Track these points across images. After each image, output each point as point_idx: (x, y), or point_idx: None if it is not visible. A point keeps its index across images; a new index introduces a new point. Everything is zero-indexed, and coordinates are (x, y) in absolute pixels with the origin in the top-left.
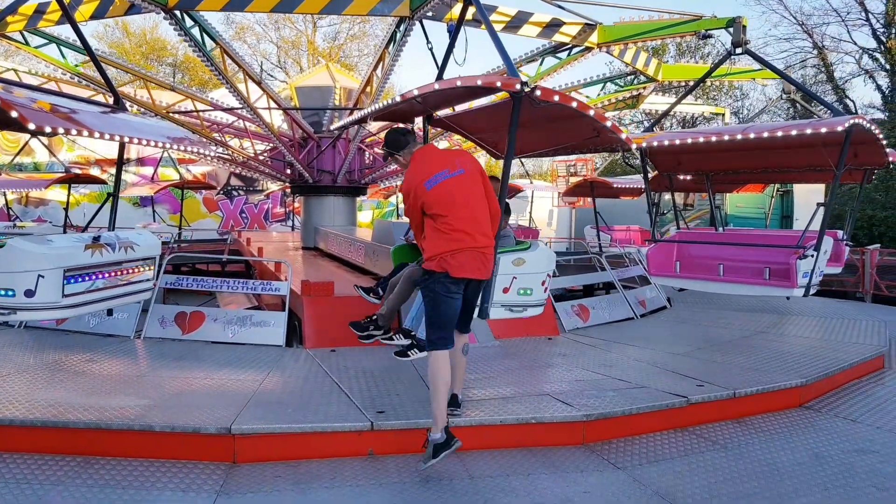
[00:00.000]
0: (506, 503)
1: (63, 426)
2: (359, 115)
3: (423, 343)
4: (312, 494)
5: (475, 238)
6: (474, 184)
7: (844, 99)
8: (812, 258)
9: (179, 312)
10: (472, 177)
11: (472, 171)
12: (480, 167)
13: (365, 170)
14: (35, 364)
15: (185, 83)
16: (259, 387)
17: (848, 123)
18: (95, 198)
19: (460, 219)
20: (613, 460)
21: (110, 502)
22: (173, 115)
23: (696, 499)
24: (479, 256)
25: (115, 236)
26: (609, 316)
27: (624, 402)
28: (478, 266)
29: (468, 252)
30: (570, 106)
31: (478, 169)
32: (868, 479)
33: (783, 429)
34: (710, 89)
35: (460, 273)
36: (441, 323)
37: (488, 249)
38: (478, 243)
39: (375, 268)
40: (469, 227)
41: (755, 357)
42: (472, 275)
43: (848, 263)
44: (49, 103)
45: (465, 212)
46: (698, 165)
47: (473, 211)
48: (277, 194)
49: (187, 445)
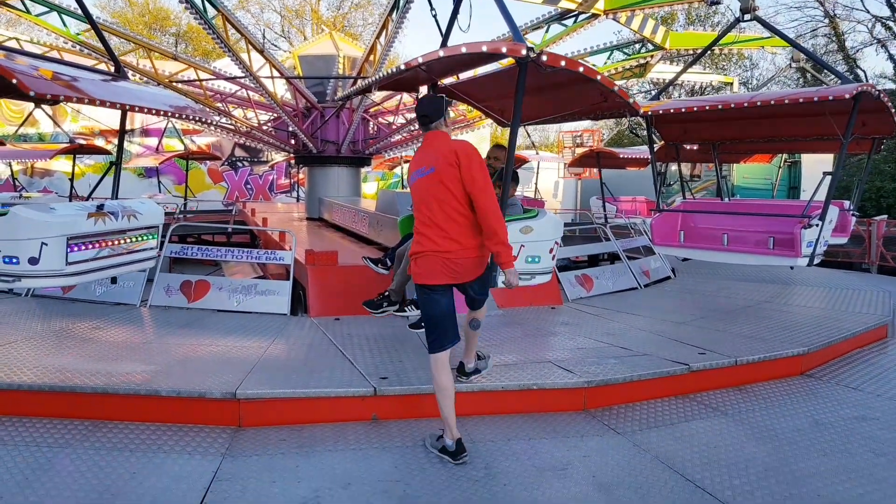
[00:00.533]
0: (506, 466)
1: (71, 391)
2: (363, 84)
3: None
4: (316, 457)
5: (436, 242)
6: (437, 184)
7: (856, 69)
8: (817, 228)
9: (185, 281)
10: (438, 176)
11: (440, 170)
12: (455, 164)
13: (369, 140)
14: (42, 331)
15: (188, 53)
16: (264, 353)
17: (856, 91)
18: (100, 168)
19: (421, 222)
20: (614, 425)
21: (118, 465)
22: (176, 84)
23: (694, 463)
24: (445, 262)
25: (118, 205)
26: (613, 286)
27: (625, 370)
28: (444, 272)
29: (431, 257)
30: (576, 71)
31: (450, 166)
32: (867, 444)
33: (784, 396)
34: (719, 58)
35: (423, 280)
36: (431, 324)
37: (455, 254)
38: (440, 247)
39: (379, 238)
40: (429, 231)
41: (758, 326)
42: (440, 280)
43: (854, 234)
44: (51, 71)
45: (425, 215)
46: (705, 135)
47: (433, 214)
48: (282, 165)
49: (193, 410)
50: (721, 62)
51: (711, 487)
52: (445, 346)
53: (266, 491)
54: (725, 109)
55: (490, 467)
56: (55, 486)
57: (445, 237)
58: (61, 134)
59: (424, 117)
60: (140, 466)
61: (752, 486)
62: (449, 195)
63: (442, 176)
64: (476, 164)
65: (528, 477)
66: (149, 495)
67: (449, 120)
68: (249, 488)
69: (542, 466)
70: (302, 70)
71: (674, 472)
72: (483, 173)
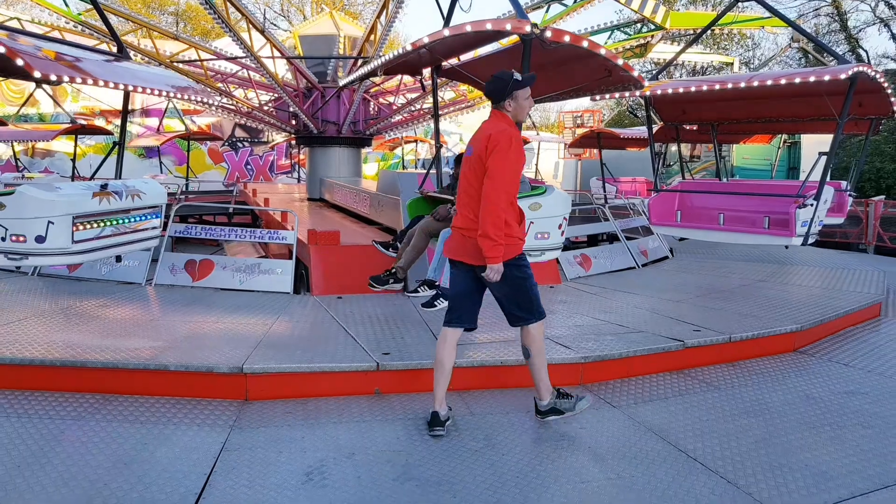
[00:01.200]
0: (505, 438)
1: (81, 366)
2: (368, 68)
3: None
4: (321, 429)
5: (461, 220)
6: (471, 166)
7: (858, 49)
8: (811, 207)
9: (189, 260)
10: (473, 158)
11: (476, 153)
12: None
13: (370, 120)
14: (50, 309)
15: (188, 33)
16: (269, 330)
17: (852, 71)
18: (101, 149)
19: (458, 199)
20: (610, 399)
21: (129, 436)
22: (177, 64)
23: (687, 434)
24: (463, 239)
25: (122, 184)
26: (611, 265)
27: (621, 346)
28: (461, 249)
29: (455, 233)
30: (580, 46)
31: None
32: (855, 418)
33: (776, 372)
34: (721, 38)
35: (447, 253)
36: (450, 297)
37: (471, 234)
38: (462, 224)
39: (381, 218)
40: (460, 209)
41: (753, 304)
42: (455, 256)
43: (851, 215)
44: (54, 51)
45: (461, 192)
46: (703, 115)
47: (465, 194)
48: (282, 146)
49: (201, 384)
50: (723, 42)
51: (703, 457)
52: (453, 324)
53: (273, 460)
54: (723, 90)
55: (490, 438)
56: (69, 455)
57: (468, 217)
58: (62, 114)
59: (489, 97)
60: (151, 438)
61: (743, 456)
62: (476, 180)
63: (476, 159)
64: (499, 153)
65: (527, 447)
66: (160, 464)
67: (512, 102)
68: (257, 458)
69: (540, 438)
70: (302, 50)
71: (667, 443)
72: (500, 164)
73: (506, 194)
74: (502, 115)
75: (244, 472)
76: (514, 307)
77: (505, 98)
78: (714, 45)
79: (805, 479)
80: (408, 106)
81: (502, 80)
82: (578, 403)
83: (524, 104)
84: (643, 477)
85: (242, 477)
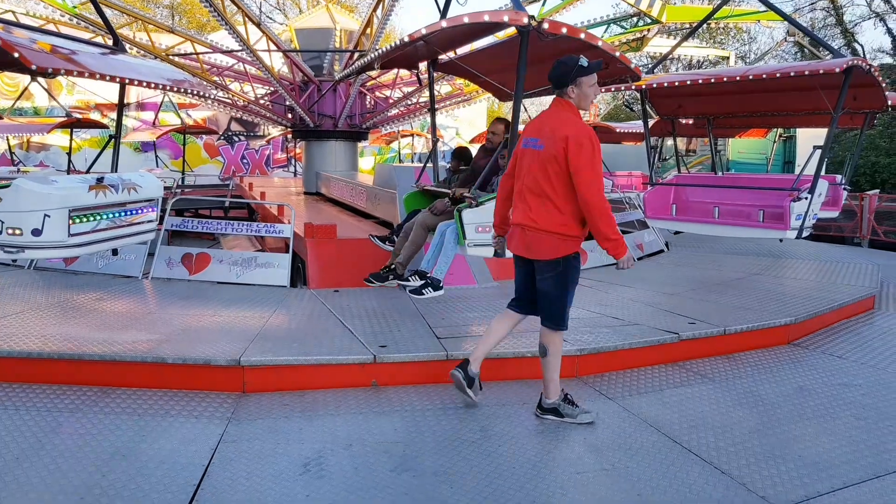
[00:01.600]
0: (502, 429)
1: (78, 358)
2: (364, 61)
3: (437, 282)
4: (319, 421)
5: (521, 215)
6: (540, 163)
7: (853, 43)
8: (806, 201)
9: (186, 254)
10: (544, 156)
11: (547, 150)
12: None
13: (366, 114)
14: (46, 302)
15: (183, 26)
16: (266, 323)
17: (847, 65)
18: (97, 143)
19: (517, 191)
20: (605, 391)
21: (127, 428)
22: (172, 57)
23: (682, 426)
24: (522, 234)
25: (118, 178)
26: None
27: (616, 338)
28: (519, 243)
29: (514, 228)
30: (578, 38)
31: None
32: (848, 409)
33: (771, 364)
34: (717, 32)
35: (509, 246)
36: (515, 284)
37: (531, 230)
38: (521, 220)
39: (377, 212)
40: (519, 203)
41: (748, 297)
42: (513, 249)
43: (846, 208)
44: (49, 44)
45: (522, 184)
46: (699, 109)
47: (528, 188)
48: (278, 140)
49: (198, 376)
50: (719, 36)
51: (697, 449)
52: (511, 306)
53: (271, 451)
54: (719, 83)
55: (486, 430)
56: (67, 447)
57: (528, 212)
58: (57, 108)
59: (551, 82)
60: (149, 430)
61: (737, 447)
62: (545, 177)
63: (547, 158)
64: (585, 156)
65: (523, 439)
66: (158, 456)
67: (575, 89)
68: (255, 449)
69: (537, 430)
70: (298, 43)
71: (662, 434)
72: (591, 165)
73: (600, 192)
74: (566, 104)
75: (242, 464)
76: (547, 304)
77: (568, 84)
78: (710, 39)
79: (798, 470)
80: (404, 100)
81: (566, 65)
82: (582, 415)
83: (588, 91)
84: (638, 467)
85: (241, 468)
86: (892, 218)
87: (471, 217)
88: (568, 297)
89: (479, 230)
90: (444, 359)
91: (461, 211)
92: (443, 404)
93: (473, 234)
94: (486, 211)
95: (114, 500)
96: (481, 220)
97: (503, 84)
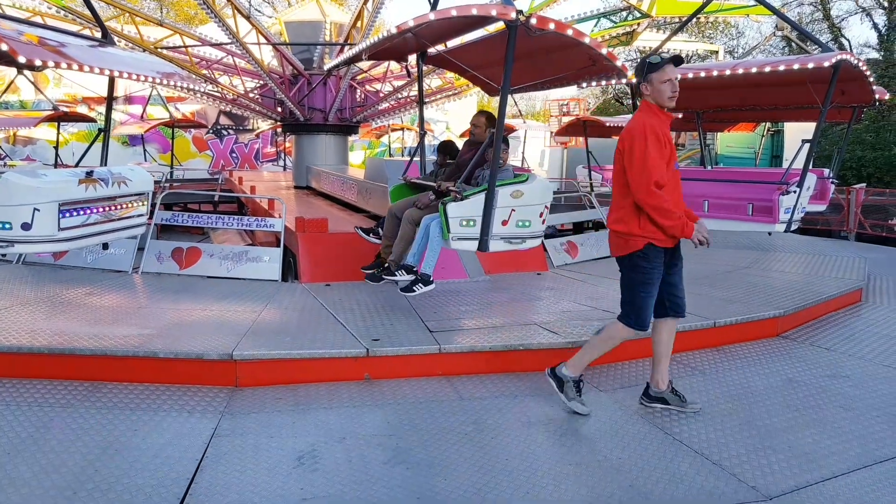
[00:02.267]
0: (495, 421)
1: (70, 353)
2: (352, 52)
3: (427, 277)
4: (312, 414)
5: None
6: (616, 160)
7: (840, 38)
8: (794, 194)
9: (176, 248)
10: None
11: (617, 147)
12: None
13: (356, 108)
14: (35, 297)
15: (171, 19)
16: (258, 317)
17: (835, 59)
18: (84, 136)
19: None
20: (597, 383)
21: (119, 422)
22: (161, 50)
23: (672, 417)
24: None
25: (107, 171)
26: (597, 252)
27: None
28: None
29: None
30: (565, 34)
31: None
32: (836, 400)
33: (760, 356)
34: (706, 27)
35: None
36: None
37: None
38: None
39: (368, 205)
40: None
41: (737, 290)
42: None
43: (833, 202)
44: (37, 36)
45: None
46: (688, 103)
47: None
48: (267, 134)
49: (191, 371)
50: (708, 31)
51: (688, 440)
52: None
53: (265, 444)
54: (709, 77)
55: (479, 422)
56: (59, 442)
57: (611, 212)
58: (44, 101)
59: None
60: (141, 424)
61: (727, 438)
62: (618, 174)
63: (618, 154)
64: (637, 146)
65: (515, 430)
66: (151, 450)
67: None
68: (248, 443)
69: (528, 421)
70: (288, 36)
71: (653, 426)
72: (637, 161)
73: (647, 188)
74: (644, 103)
75: (236, 457)
76: (621, 300)
77: (641, 83)
78: (699, 33)
79: (788, 461)
80: (394, 94)
81: (638, 66)
82: (576, 404)
83: (661, 88)
84: (630, 459)
85: (234, 462)
86: (879, 211)
87: (455, 211)
88: (636, 296)
89: (462, 223)
90: (436, 352)
91: (446, 204)
92: (436, 397)
93: (457, 227)
94: (471, 205)
95: (107, 494)
96: (465, 213)
97: (491, 79)
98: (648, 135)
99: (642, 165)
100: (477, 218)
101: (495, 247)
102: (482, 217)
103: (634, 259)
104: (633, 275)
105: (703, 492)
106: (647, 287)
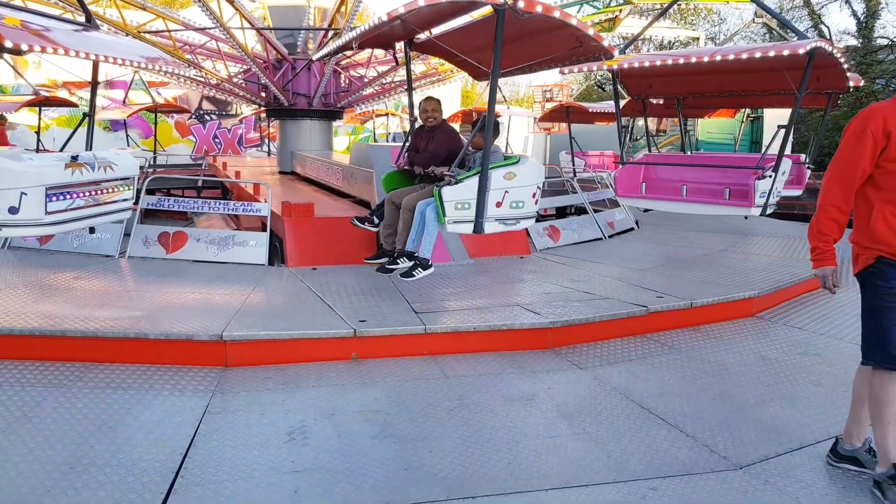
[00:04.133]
0: (478, 398)
1: (61, 335)
2: (342, 41)
3: (426, 261)
4: (301, 393)
5: None
6: None
7: (820, 25)
8: (770, 179)
9: (162, 232)
10: None
11: None
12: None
13: (341, 93)
14: (22, 281)
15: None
16: (246, 300)
17: (810, 46)
18: (65, 121)
19: None
20: (577, 362)
21: (112, 401)
22: (144, 35)
23: (649, 393)
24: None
25: (93, 156)
26: (579, 236)
27: (588, 311)
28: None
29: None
30: (552, 16)
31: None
32: (807, 376)
33: (735, 335)
34: (688, 13)
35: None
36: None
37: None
38: None
39: (353, 191)
40: None
41: (714, 272)
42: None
43: (810, 187)
44: (19, 19)
45: None
46: (669, 89)
47: None
48: (251, 119)
49: (181, 351)
50: (689, 17)
51: (664, 413)
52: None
53: (256, 421)
54: (689, 64)
55: (463, 399)
56: (53, 420)
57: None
58: (24, 86)
59: None
60: (134, 403)
61: (701, 412)
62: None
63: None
64: (844, 138)
65: (498, 406)
66: (145, 427)
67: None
68: (240, 420)
69: (511, 397)
70: (272, 21)
71: (630, 401)
72: (839, 152)
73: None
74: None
75: (228, 433)
76: (862, 331)
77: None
78: (681, 20)
79: (758, 433)
80: (379, 79)
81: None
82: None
83: None
84: (608, 432)
85: (226, 437)
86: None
87: (450, 194)
88: (876, 324)
89: (458, 207)
90: (422, 332)
91: (441, 189)
92: (422, 375)
93: (453, 211)
94: (465, 188)
95: (103, 469)
96: (460, 197)
97: (480, 63)
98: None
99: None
100: (472, 201)
101: (490, 228)
102: (476, 199)
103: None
104: (868, 297)
105: (677, 461)
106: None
